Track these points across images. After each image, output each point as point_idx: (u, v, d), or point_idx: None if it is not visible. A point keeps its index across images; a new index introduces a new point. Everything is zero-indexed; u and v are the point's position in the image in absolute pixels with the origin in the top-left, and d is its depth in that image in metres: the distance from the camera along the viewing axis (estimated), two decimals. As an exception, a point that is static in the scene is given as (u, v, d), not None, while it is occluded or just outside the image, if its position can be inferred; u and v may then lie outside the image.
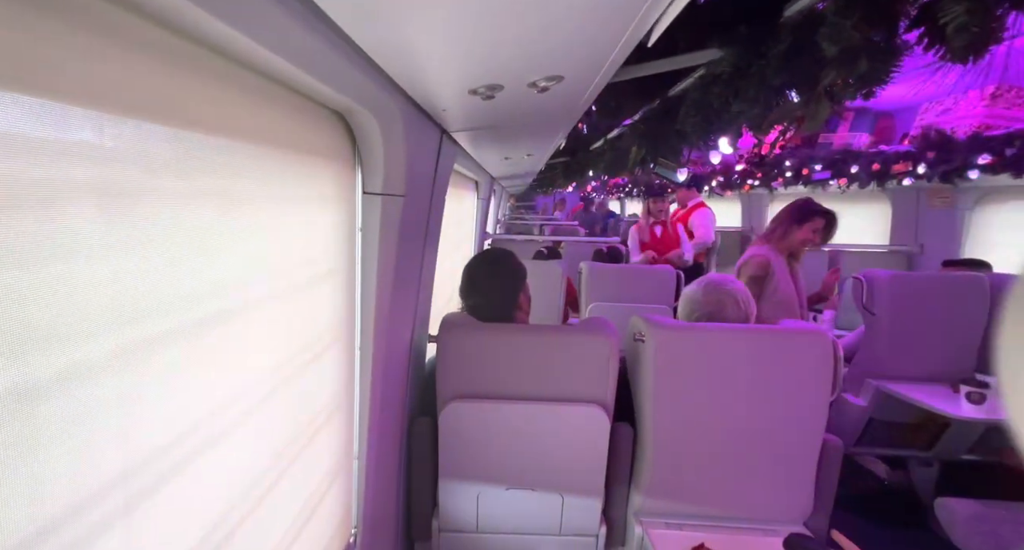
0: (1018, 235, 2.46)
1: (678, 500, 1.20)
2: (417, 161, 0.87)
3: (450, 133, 1.14)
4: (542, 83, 0.69)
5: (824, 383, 1.12)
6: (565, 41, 0.56)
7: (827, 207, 2.01)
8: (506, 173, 3.13)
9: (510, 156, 1.88)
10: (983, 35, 0.51)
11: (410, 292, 1.10)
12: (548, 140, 1.46)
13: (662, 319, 1.19)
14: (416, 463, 1.19)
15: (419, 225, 1.05)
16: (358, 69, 0.55)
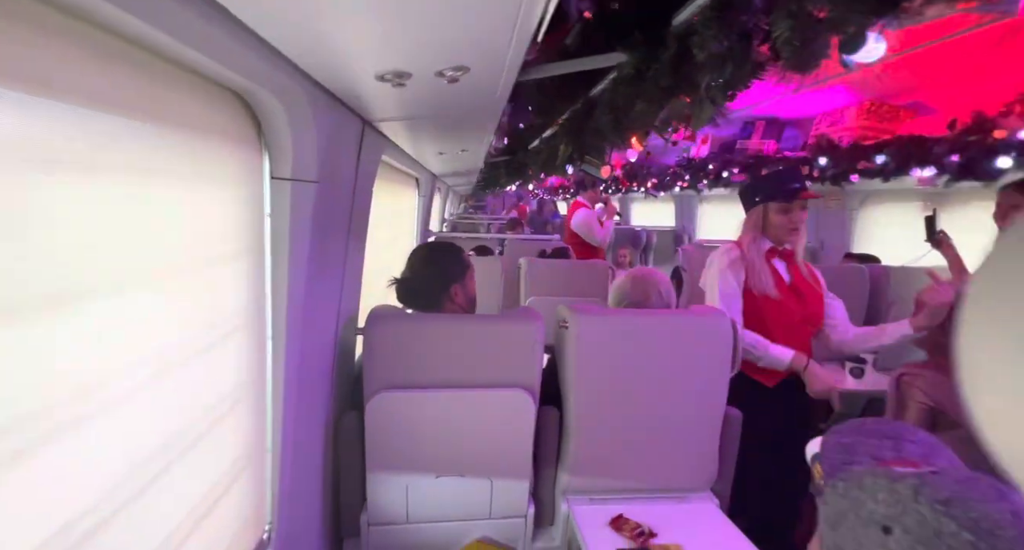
0: (892, 231, 2.85)
1: (601, 476, 1.27)
2: (333, 149, 0.86)
3: (373, 124, 1.14)
4: (450, 72, 0.71)
5: (724, 360, 1.24)
6: (465, 30, 0.59)
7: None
8: (447, 170, 3.13)
9: (444, 151, 1.89)
10: (806, 50, 0.60)
11: (332, 284, 1.08)
12: (477, 135, 1.49)
13: (584, 307, 1.26)
14: (344, 458, 1.17)
15: (339, 215, 1.04)
16: (251, 49, 0.55)
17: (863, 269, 2.33)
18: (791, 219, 1.45)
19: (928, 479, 0.35)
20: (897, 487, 0.36)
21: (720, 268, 1.51)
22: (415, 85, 0.77)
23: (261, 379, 0.82)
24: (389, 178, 2.40)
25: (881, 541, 0.35)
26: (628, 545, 1.09)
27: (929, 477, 0.35)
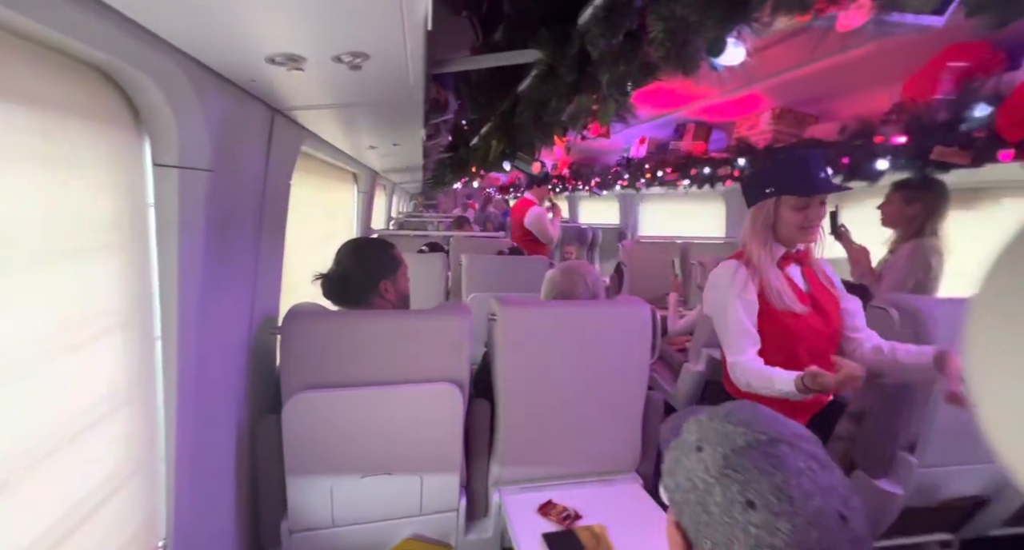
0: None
1: (531, 465, 1.30)
2: (230, 136, 0.82)
3: (286, 112, 1.09)
4: (348, 58, 0.70)
5: (644, 346, 1.31)
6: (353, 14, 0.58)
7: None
8: (388, 166, 3.06)
9: (376, 145, 1.84)
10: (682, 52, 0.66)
11: (240, 281, 1.03)
12: (406, 129, 1.46)
13: (512, 299, 1.28)
14: (263, 464, 1.12)
15: (246, 207, 0.98)
16: (113, 24, 0.50)
17: (777, 261, 2.55)
18: (808, 216, 1.15)
19: (715, 410, 0.50)
20: (700, 419, 0.50)
21: (731, 295, 1.18)
22: (316, 70, 0.74)
23: (149, 383, 0.76)
24: (322, 172, 2.31)
25: (698, 457, 0.46)
26: (555, 529, 1.12)
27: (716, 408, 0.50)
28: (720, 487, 0.42)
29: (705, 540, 0.43)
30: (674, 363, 2.82)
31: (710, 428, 0.47)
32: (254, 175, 0.98)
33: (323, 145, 1.64)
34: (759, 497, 0.40)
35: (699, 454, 0.46)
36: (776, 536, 0.39)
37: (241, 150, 0.88)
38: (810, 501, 0.39)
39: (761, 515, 0.40)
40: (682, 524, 0.46)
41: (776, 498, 0.40)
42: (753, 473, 0.41)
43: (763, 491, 0.40)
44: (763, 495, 0.40)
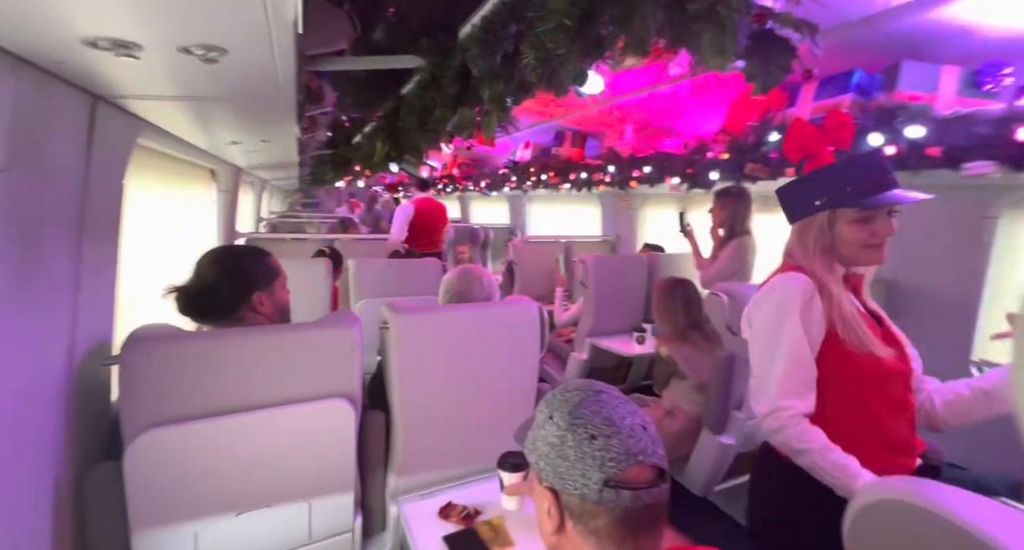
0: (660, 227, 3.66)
1: (430, 471, 1.30)
2: (31, 127, 0.66)
3: (113, 101, 0.91)
4: (199, 51, 0.62)
5: (534, 343, 1.40)
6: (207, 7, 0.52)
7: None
8: (255, 163, 2.72)
9: (240, 141, 1.64)
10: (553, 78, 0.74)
11: (55, 303, 0.83)
12: (277, 126, 1.33)
13: (404, 306, 1.26)
14: (95, 525, 0.92)
15: (59, 213, 0.80)
16: None
17: (643, 257, 2.92)
18: (875, 231, 0.91)
19: (556, 388, 0.63)
20: (545, 398, 0.63)
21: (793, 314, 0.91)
22: (155, 60, 0.64)
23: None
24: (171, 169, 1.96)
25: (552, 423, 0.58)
26: (455, 529, 1.14)
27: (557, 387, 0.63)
28: (572, 434, 0.56)
29: (567, 484, 0.55)
30: (562, 353, 3.05)
31: (555, 400, 0.60)
32: (70, 174, 0.80)
33: (169, 139, 1.40)
34: (596, 429, 0.55)
35: (551, 420, 0.58)
36: (612, 451, 0.54)
37: (49, 145, 0.72)
38: (625, 421, 0.56)
39: (600, 441, 0.54)
40: (548, 482, 0.57)
41: (606, 425, 0.55)
42: (589, 415, 0.56)
43: (598, 424, 0.55)
44: (599, 427, 0.55)
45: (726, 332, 1.80)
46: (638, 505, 0.53)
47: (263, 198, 5.01)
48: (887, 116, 1.45)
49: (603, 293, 2.76)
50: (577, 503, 0.55)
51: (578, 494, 0.54)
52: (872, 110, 1.54)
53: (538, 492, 0.60)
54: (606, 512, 0.53)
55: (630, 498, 0.52)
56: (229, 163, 2.53)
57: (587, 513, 0.54)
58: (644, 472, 0.54)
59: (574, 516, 0.56)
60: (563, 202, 5.03)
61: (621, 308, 2.87)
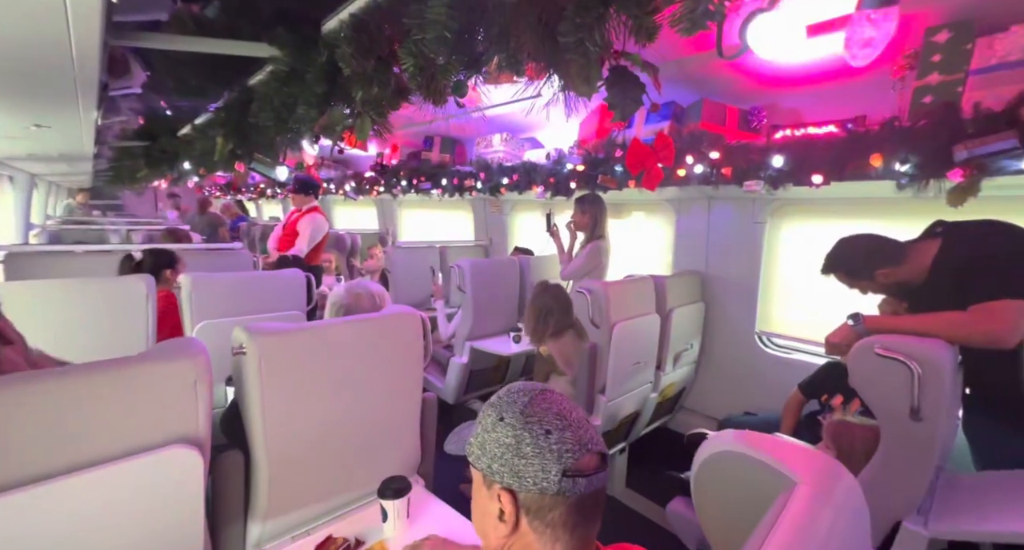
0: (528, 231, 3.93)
1: (303, 508, 1.16)
2: None
3: None
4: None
5: (418, 353, 1.37)
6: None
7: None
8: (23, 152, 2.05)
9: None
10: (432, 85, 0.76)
11: None
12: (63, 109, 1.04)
13: (264, 325, 1.10)
14: None
15: None
16: None
17: (515, 260, 3.09)
18: None
19: (497, 394, 0.66)
20: (491, 401, 0.65)
21: None
22: None
23: None
24: None
25: (504, 424, 0.60)
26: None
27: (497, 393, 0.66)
28: (528, 432, 0.58)
29: (526, 480, 0.57)
30: (441, 359, 3.04)
31: (502, 403, 0.63)
32: None
33: None
34: (551, 424, 0.58)
35: (503, 422, 0.60)
36: (567, 443, 0.57)
37: None
38: (572, 415, 0.60)
39: (556, 435, 0.58)
40: (505, 484, 0.59)
41: (559, 420, 0.59)
42: (542, 412, 0.59)
43: (551, 419, 0.59)
44: (552, 422, 0.59)
45: (590, 325, 2.04)
46: (590, 490, 0.57)
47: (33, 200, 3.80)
48: (696, 141, 1.83)
49: (480, 297, 2.84)
50: (535, 498, 0.57)
51: (537, 489, 0.57)
52: (685, 135, 1.91)
53: (487, 497, 0.61)
54: (563, 502, 0.57)
55: (584, 484, 0.57)
56: (-24, 151, 1.86)
57: (544, 507, 0.58)
58: (593, 459, 0.58)
59: (530, 513, 0.58)
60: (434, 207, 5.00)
61: (498, 310, 2.98)
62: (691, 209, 2.56)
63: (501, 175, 2.91)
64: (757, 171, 1.66)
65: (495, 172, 2.93)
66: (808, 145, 1.56)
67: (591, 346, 2.03)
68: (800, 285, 2.37)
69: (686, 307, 2.39)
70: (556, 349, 1.88)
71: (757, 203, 2.30)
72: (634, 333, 2.09)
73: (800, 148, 1.58)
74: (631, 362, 2.11)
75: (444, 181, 3.41)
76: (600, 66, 0.65)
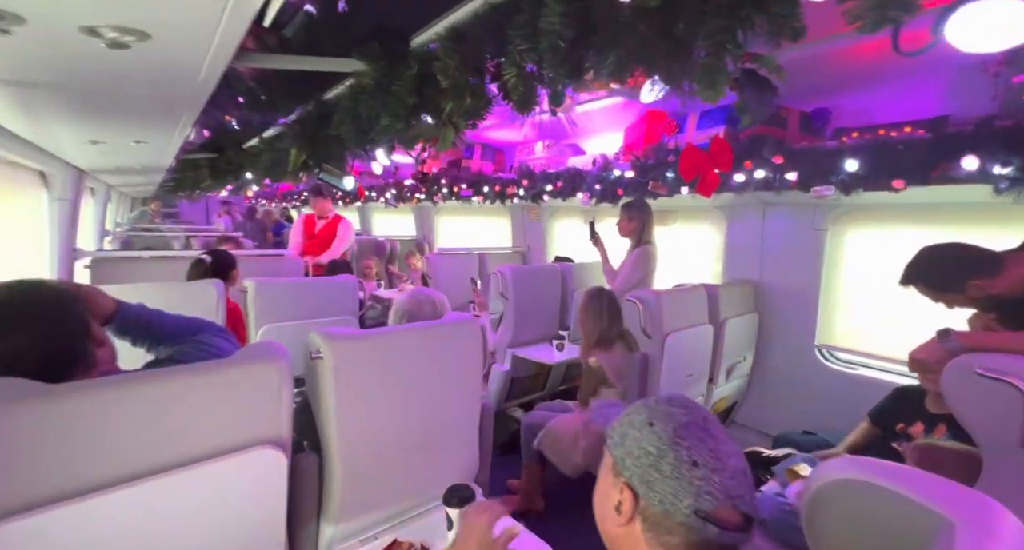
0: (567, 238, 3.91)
1: (372, 511, 1.18)
2: None
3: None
4: (111, 34, 0.49)
5: (478, 359, 1.37)
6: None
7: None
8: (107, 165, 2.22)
9: (102, 141, 1.32)
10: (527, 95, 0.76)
11: None
12: (166, 126, 1.11)
13: (339, 330, 1.14)
14: None
15: None
16: None
17: (556, 267, 3.08)
18: None
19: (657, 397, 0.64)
20: (647, 402, 0.63)
21: None
22: (36, 37, 0.49)
23: None
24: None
25: (651, 431, 0.58)
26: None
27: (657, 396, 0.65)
28: (672, 452, 0.55)
29: (654, 494, 0.55)
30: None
31: (657, 410, 0.60)
32: None
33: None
34: (701, 458, 0.55)
35: (651, 428, 0.58)
36: (712, 485, 0.54)
37: None
38: (730, 460, 0.56)
39: (702, 471, 0.54)
40: (632, 483, 0.57)
41: (712, 459, 0.55)
42: (695, 441, 0.56)
43: (703, 454, 0.55)
44: (703, 457, 0.55)
45: (641, 335, 1.99)
46: (720, 542, 0.54)
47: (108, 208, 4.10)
48: (755, 145, 1.76)
49: (522, 304, 2.84)
50: (658, 514, 0.55)
51: (662, 508, 0.55)
52: (743, 140, 1.85)
53: (611, 484, 0.60)
54: (684, 534, 0.54)
55: (716, 534, 0.53)
56: (68, 164, 2.02)
57: (663, 527, 0.55)
58: (734, 516, 0.54)
59: (647, 522, 0.56)
60: (472, 214, 5.06)
61: (539, 317, 2.97)
62: (744, 215, 2.47)
63: (544, 182, 2.91)
64: (826, 175, 1.58)
65: (538, 179, 2.93)
66: (885, 147, 1.48)
67: (641, 357, 1.98)
68: (867, 296, 2.23)
69: (739, 318, 2.30)
70: (606, 360, 1.84)
71: (818, 209, 2.20)
72: (687, 344, 2.03)
73: (877, 151, 1.49)
74: (683, 374, 2.05)
75: (485, 188, 3.44)
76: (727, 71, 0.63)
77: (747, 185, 1.86)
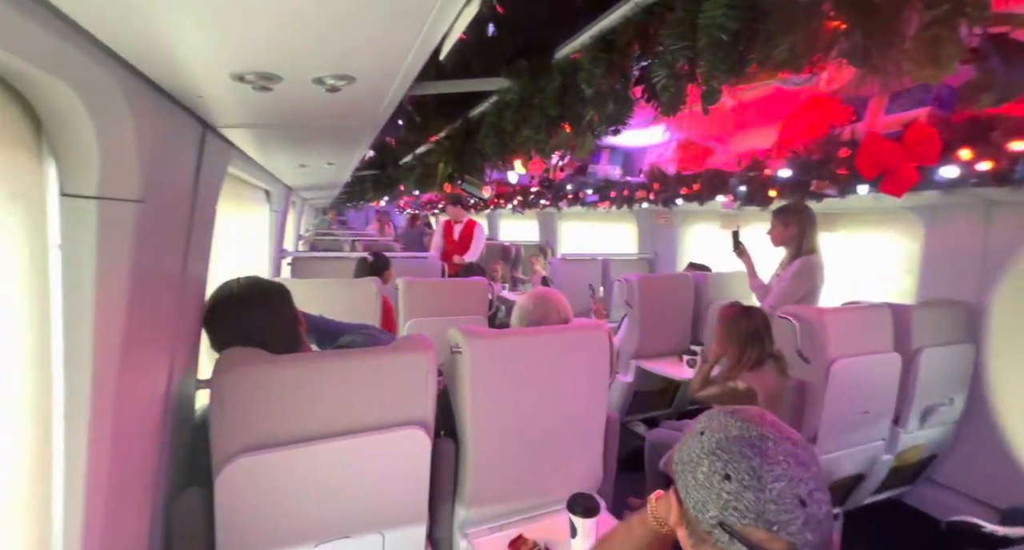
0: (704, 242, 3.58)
1: (499, 503, 1.24)
2: (162, 159, 0.67)
3: (217, 129, 0.93)
4: (331, 81, 0.62)
5: (604, 368, 1.35)
6: (356, 37, 0.51)
7: None
8: (305, 183, 2.79)
9: (307, 164, 1.67)
10: (678, 96, 0.72)
11: (163, 330, 0.84)
12: (350, 150, 1.35)
13: (476, 329, 1.23)
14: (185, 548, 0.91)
15: (174, 240, 0.81)
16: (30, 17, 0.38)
17: (688, 276, 2.84)
18: None
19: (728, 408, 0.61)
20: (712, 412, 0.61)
21: None
22: (284, 91, 0.65)
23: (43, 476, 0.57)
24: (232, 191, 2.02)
25: (699, 439, 0.57)
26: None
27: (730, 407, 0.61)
28: (707, 461, 0.55)
29: (689, 499, 0.56)
30: (607, 375, 2.97)
31: (716, 419, 0.59)
32: (182, 201, 0.81)
33: (244, 161, 1.44)
34: (736, 473, 0.52)
35: (700, 437, 0.58)
36: (741, 503, 0.51)
37: (171, 174, 0.73)
38: (776, 484, 0.51)
39: (733, 486, 0.52)
40: (676, 486, 0.59)
41: (748, 476, 0.52)
42: (736, 455, 0.53)
43: (740, 469, 0.52)
44: (739, 472, 0.52)
45: (797, 359, 1.71)
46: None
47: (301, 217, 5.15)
48: (981, 129, 1.37)
49: (648, 313, 2.69)
50: (693, 520, 0.56)
51: (694, 515, 0.55)
52: (960, 123, 1.45)
53: (671, 491, 0.62)
54: (715, 545, 0.53)
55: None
56: (282, 183, 2.60)
57: (698, 535, 0.56)
58: (776, 542, 0.50)
59: (689, 527, 0.57)
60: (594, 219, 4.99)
61: (667, 329, 2.78)
62: (953, 219, 1.95)
63: (679, 185, 2.72)
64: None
65: (671, 182, 2.75)
66: None
67: (797, 383, 1.70)
68: None
69: (943, 348, 1.81)
70: (759, 383, 1.62)
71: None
72: (861, 374, 1.68)
73: None
74: (856, 410, 1.70)
75: (612, 193, 3.36)
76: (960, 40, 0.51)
77: (961, 180, 1.46)
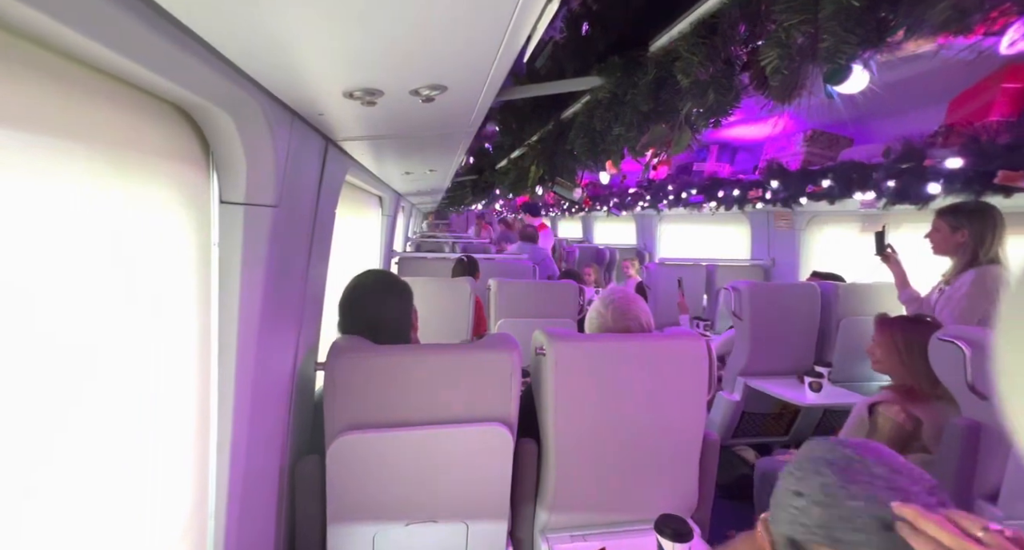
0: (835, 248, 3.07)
1: (581, 511, 1.21)
2: (292, 170, 0.79)
3: (337, 142, 1.07)
4: (425, 91, 0.67)
5: (702, 382, 1.23)
6: (444, 48, 0.55)
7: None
8: (412, 189, 3.05)
9: (411, 171, 1.83)
10: (792, 78, 0.62)
11: (291, 316, 0.98)
12: (448, 156, 1.44)
13: (561, 332, 1.22)
14: (302, 509, 1.05)
15: (300, 240, 0.95)
16: (203, 62, 0.47)
17: (814, 286, 2.46)
18: None
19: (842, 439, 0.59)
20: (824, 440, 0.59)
21: None
22: (386, 103, 0.71)
23: (203, 437, 0.70)
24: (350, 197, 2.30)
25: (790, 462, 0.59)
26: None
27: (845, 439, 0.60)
28: (785, 478, 0.57)
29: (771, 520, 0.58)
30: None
31: (815, 449, 0.58)
32: (307, 207, 0.95)
33: (360, 171, 1.63)
34: (807, 489, 0.54)
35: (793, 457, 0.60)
36: (807, 518, 0.52)
37: (299, 184, 0.85)
38: (851, 502, 0.50)
39: (803, 502, 0.53)
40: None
41: (821, 493, 0.52)
42: (809, 473, 0.55)
43: (812, 487, 0.54)
44: (811, 490, 0.53)
45: (966, 393, 1.36)
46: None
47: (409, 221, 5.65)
48: None
49: (760, 326, 2.39)
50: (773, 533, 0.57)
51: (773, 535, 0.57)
52: None
53: None
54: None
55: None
56: (392, 190, 2.87)
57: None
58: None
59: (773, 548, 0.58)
60: (699, 222, 4.61)
61: (783, 346, 2.44)
62: None
63: (804, 181, 2.37)
64: None
65: (794, 178, 2.41)
66: None
67: (968, 424, 1.36)
68: None
69: None
70: (928, 416, 1.32)
71: None
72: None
73: None
74: (1056, 466, 1.30)
75: (721, 193, 3.07)
76: None
77: None
